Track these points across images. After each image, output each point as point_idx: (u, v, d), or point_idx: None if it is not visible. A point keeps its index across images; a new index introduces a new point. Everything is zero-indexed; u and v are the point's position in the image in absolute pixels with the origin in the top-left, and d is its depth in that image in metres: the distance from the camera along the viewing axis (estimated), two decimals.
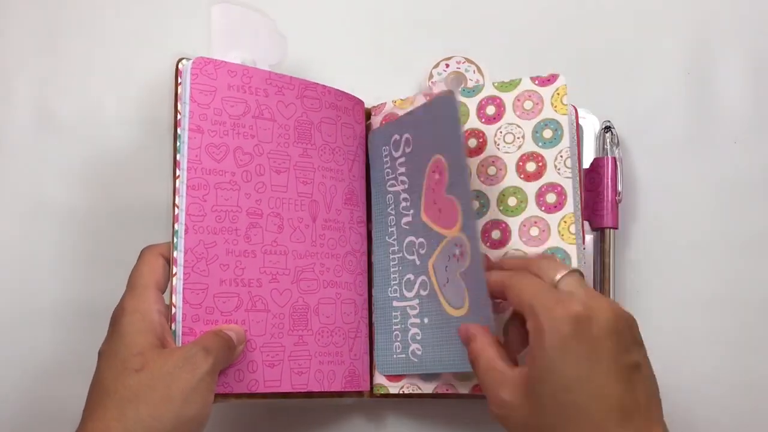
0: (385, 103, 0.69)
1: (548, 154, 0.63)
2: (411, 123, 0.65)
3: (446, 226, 0.61)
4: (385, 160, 0.67)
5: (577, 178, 0.64)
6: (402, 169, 0.66)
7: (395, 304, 0.66)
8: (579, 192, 0.65)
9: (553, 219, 0.62)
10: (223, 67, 0.60)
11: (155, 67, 0.74)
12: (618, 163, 0.70)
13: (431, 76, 0.72)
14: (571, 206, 0.61)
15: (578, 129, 0.68)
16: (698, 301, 0.71)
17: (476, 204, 0.64)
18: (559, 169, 0.62)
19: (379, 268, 0.67)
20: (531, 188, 0.63)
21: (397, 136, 0.66)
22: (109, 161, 0.72)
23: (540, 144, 0.63)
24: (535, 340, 0.50)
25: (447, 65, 0.72)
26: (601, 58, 0.75)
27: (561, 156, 0.62)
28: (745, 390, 0.69)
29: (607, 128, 0.71)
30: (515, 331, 0.56)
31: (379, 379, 0.66)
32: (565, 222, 0.61)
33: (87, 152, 0.72)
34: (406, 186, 0.65)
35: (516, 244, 0.62)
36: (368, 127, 0.70)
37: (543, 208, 0.62)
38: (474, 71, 0.72)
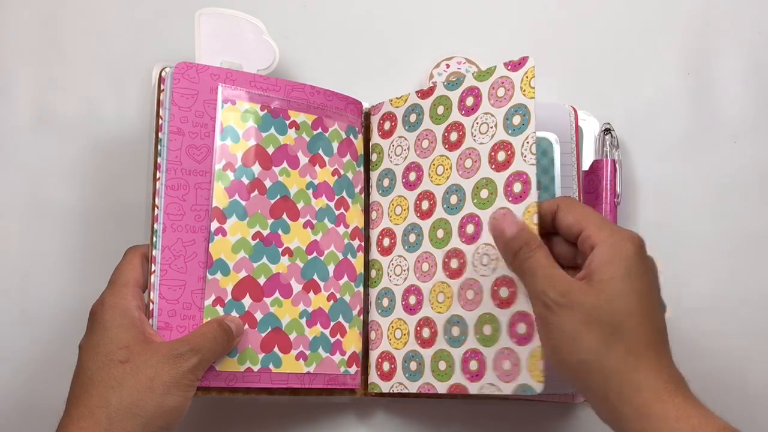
0: (383, 102, 0.70)
1: (516, 141, 0.61)
2: None
3: None
4: None
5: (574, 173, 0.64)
6: None
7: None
8: (577, 193, 0.65)
9: (518, 209, 0.59)
10: (205, 71, 0.61)
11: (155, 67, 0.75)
12: (617, 165, 0.69)
13: (431, 76, 0.72)
14: (534, 195, 0.59)
15: (578, 131, 0.68)
16: (698, 301, 0.70)
17: (454, 198, 0.64)
18: (525, 157, 0.60)
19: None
20: (500, 179, 0.61)
21: None
22: (109, 160, 0.73)
23: (510, 131, 0.61)
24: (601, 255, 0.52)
25: (447, 65, 0.72)
26: (601, 59, 0.75)
27: (527, 142, 0.60)
28: (745, 390, 0.69)
29: (607, 130, 0.71)
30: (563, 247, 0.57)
31: (374, 377, 0.67)
32: (528, 212, 0.58)
33: (86, 151, 0.73)
34: None
35: (486, 239, 0.61)
36: (367, 127, 0.71)
37: (510, 199, 0.60)
38: (474, 72, 0.72)
